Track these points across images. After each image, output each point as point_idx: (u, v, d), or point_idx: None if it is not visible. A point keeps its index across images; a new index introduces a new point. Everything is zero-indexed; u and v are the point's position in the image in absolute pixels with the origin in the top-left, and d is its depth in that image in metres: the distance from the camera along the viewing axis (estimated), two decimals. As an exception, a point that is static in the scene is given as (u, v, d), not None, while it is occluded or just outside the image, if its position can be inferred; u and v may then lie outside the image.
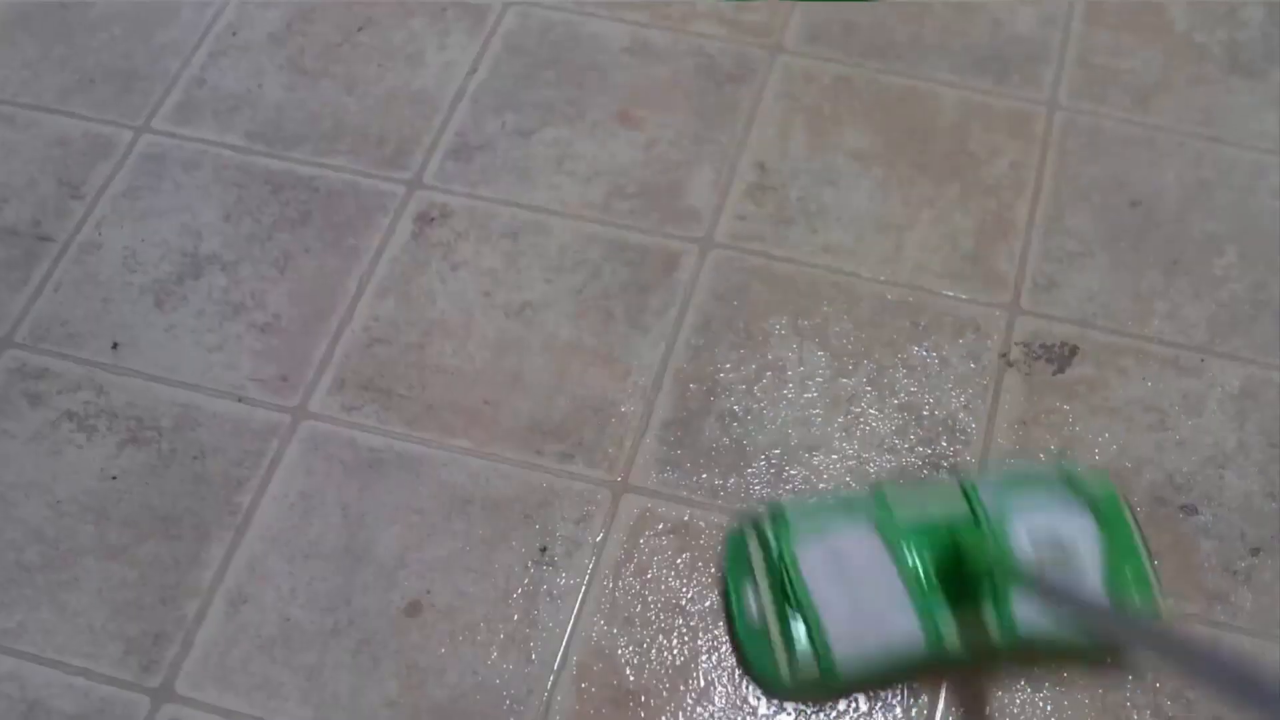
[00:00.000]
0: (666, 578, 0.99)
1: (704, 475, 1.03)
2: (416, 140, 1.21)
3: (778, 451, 1.04)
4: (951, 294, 1.11)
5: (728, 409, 1.06)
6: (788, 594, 0.90)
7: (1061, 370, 1.07)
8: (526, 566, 1.00)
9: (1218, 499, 1.02)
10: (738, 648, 0.95)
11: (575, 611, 0.98)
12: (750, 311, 1.11)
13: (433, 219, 1.16)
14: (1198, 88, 1.23)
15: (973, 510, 0.91)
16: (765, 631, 0.91)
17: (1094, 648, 0.94)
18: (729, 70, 1.25)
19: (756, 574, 0.93)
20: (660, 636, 0.97)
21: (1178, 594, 0.98)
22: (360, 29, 1.28)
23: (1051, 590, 0.84)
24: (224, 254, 1.15)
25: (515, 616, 0.98)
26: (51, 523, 1.02)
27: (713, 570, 0.99)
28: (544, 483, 1.03)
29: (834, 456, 1.04)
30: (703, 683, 0.95)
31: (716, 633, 0.97)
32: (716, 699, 0.95)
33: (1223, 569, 0.99)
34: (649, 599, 0.98)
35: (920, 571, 0.88)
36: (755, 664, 0.93)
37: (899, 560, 0.89)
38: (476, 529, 1.01)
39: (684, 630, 0.97)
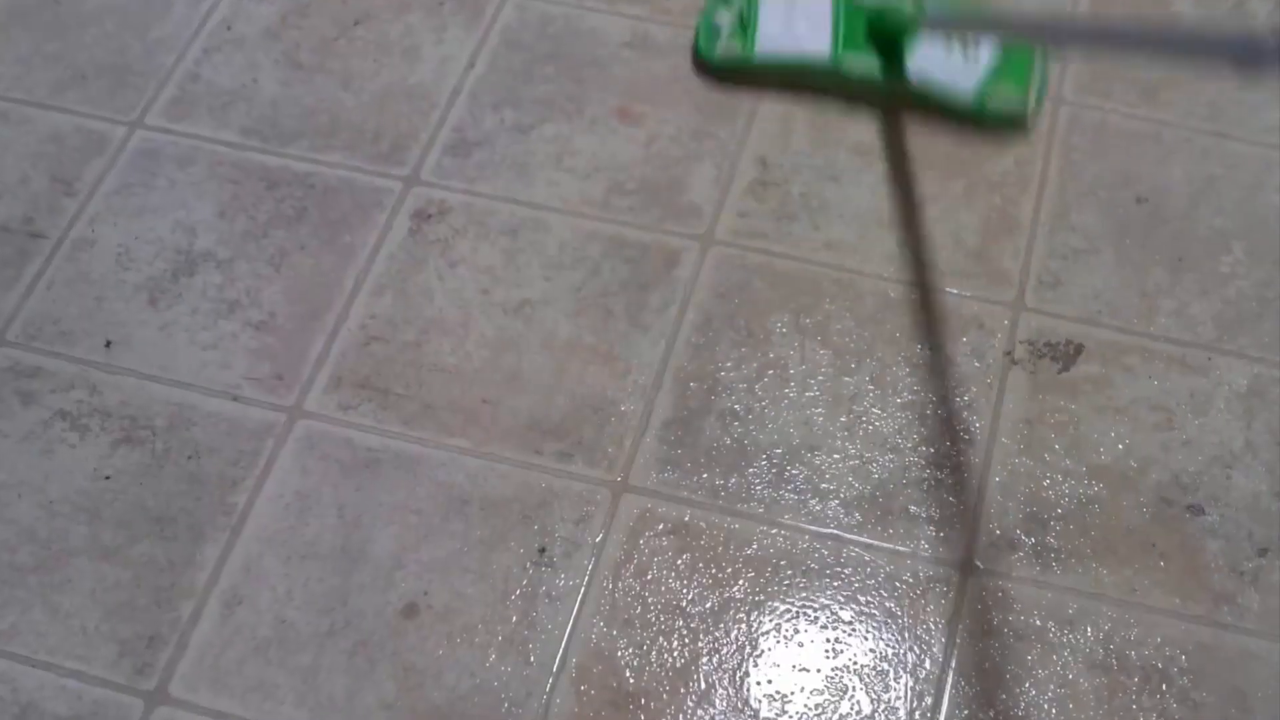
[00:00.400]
0: (667, 579, 0.99)
1: (705, 475, 1.04)
2: (413, 136, 1.21)
3: (779, 451, 1.04)
4: (955, 291, 1.12)
5: (729, 408, 1.06)
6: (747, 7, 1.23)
7: (1066, 369, 1.08)
8: (525, 567, 1.00)
9: (1225, 499, 1.02)
10: (695, 39, 1.23)
11: (574, 613, 0.98)
12: (751, 309, 1.11)
13: (430, 216, 1.17)
14: (1204, 83, 1.23)
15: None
16: (722, 26, 1.23)
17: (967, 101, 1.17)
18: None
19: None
20: (660, 638, 0.97)
21: (1184, 595, 0.98)
22: (356, 23, 1.29)
23: (949, 21, 1.15)
24: (219, 251, 1.15)
25: (514, 618, 0.98)
26: (44, 523, 1.02)
27: (714, 572, 1.00)
28: (543, 483, 1.03)
29: (836, 456, 1.04)
30: (703, 685, 0.95)
31: (718, 634, 0.97)
32: (717, 701, 0.95)
33: (1230, 570, 0.99)
34: (649, 600, 0.99)
35: (846, 17, 1.21)
36: (700, 40, 1.23)
37: (835, 7, 1.22)
38: (474, 529, 1.01)
39: (684, 632, 0.97)
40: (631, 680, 0.96)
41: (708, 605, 0.98)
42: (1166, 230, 1.14)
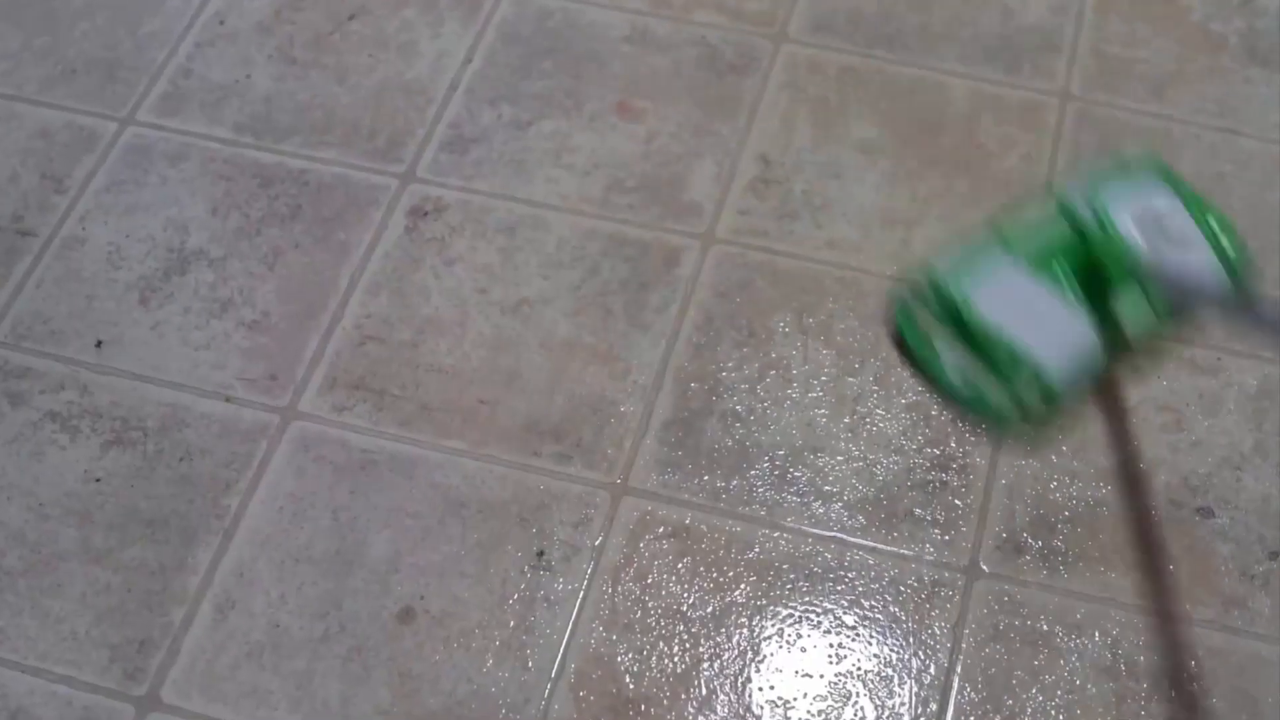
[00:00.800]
0: (667, 583, 0.99)
1: (706, 477, 1.04)
2: (409, 132, 1.21)
3: (782, 453, 1.04)
4: (961, 291, 1.12)
5: (730, 409, 1.06)
6: (976, 340, 0.95)
7: (1074, 369, 1.08)
8: (523, 571, 1.00)
9: (1235, 501, 1.02)
10: (953, 402, 1.02)
11: (573, 618, 0.98)
12: (753, 308, 1.11)
13: (426, 213, 1.17)
14: (1214, 78, 1.23)
15: (1079, 221, 0.97)
16: (974, 378, 0.96)
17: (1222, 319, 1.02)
18: (731, 60, 1.25)
19: (937, 335, 0.98)
20: (661, 643, 0.97)
21: (1193, 598, 0.98)
22: (351, 17, 1.29)
23: (1172, 272, 0.93)
24: (211, 249, 1.15)
25: (511, 623, 0.98)
26: (33, 526, 1.02)
27: (715, 576, 1.00)
28: (541, 485, 1.03)
29: (839, 458, 1.04)
30: (704, 691, 0.95)
31: (719, 639, 0.97)
32: (719, 708, 0.95)
33: (1240, 573, 0.99)
34: (649, 605, 0.99)
35: (1070, 284, 0.96)
36: (980, 410, 0.98)
37: (1051, 280, 0.96)
38: (471, 533, 1.01)
39: (685, 637, 0.97)
40: (631, 686, 0.96)
41: (709, 610, 0.98)
42: (1175, 228, 1.14)
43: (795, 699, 0.95)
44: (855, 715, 0.94)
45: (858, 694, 0.95)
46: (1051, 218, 0.99)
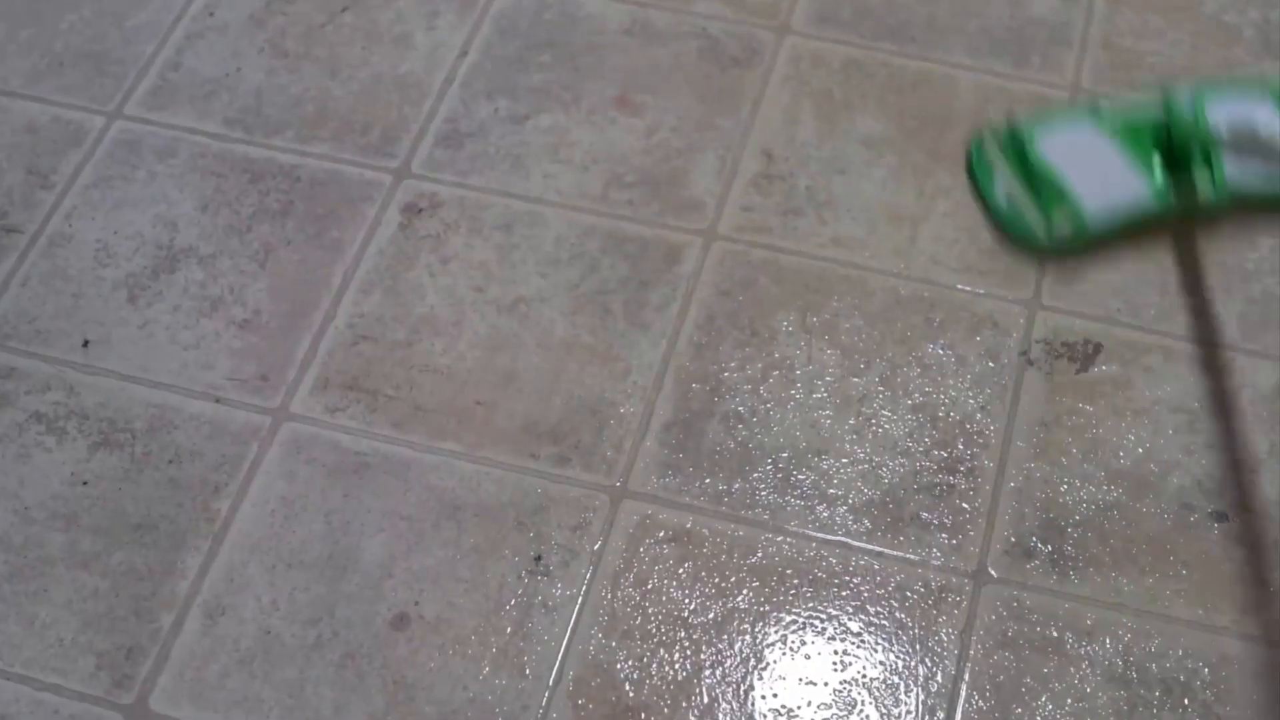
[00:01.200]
0: (668, 588, 0.99)
1: (707, 480, 1.03)
2: (404, 127, 1.21)
3: (785, 455, 1.04)
4: (968, 288, 1.12)
5: (732, 410, 1.06)
6: (1031, 170, 1.12)
7: (1085, 369, 1.08)
8: (520, 576, 1.00)
9: (1249, 505, 1.02)
10: (998, 226, 1.13)
11: (571, 624, 0.98)
12: (756, 307, 1.11)
13: (421, 210, 1.17)
14: (1228, 71, 1.23)
15: (1175, 110, 1.13)
16: (1018, 202, 1.12)
17: None
18: (734, 53, 1.25)
19: (999, 165, 1.14)
20: (661, 650, 0.97)
21: (1207, 605, 0.98)
22: (344, 9, 1.28)
23: (1252, 143, 1.11)
24: (201, 247, 1.15)
25: (508, 629, 0.98)
26: (19, 530, 1.02)
27: (717, 581, 0.99)
28: (539, 488, 1.03)
29: (844, 460, 1.04)
30: (706, 699, 0.95)
31: (721, 646, 0.97)
32: (720, 716, 0.95)
33: (1255, 580, 0.99)
34: (649, 611, 0.98)
35: (1142, 147, 1.13)
36: (1017, 234, 1.12)
37: (1124, 146, 1.13)
38: (467, 537, 1.01)
39: (686, 644, 0.97)
40: (631, 694, 0.95)
41: (710, 616, 0.98)
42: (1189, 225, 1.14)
43: (799, 707, 0.95)
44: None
45: (863, 702, 0.95)
46: (1151, 104, 1.14)
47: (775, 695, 0.95)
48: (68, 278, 1.14)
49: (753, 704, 0.95)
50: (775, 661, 0.97)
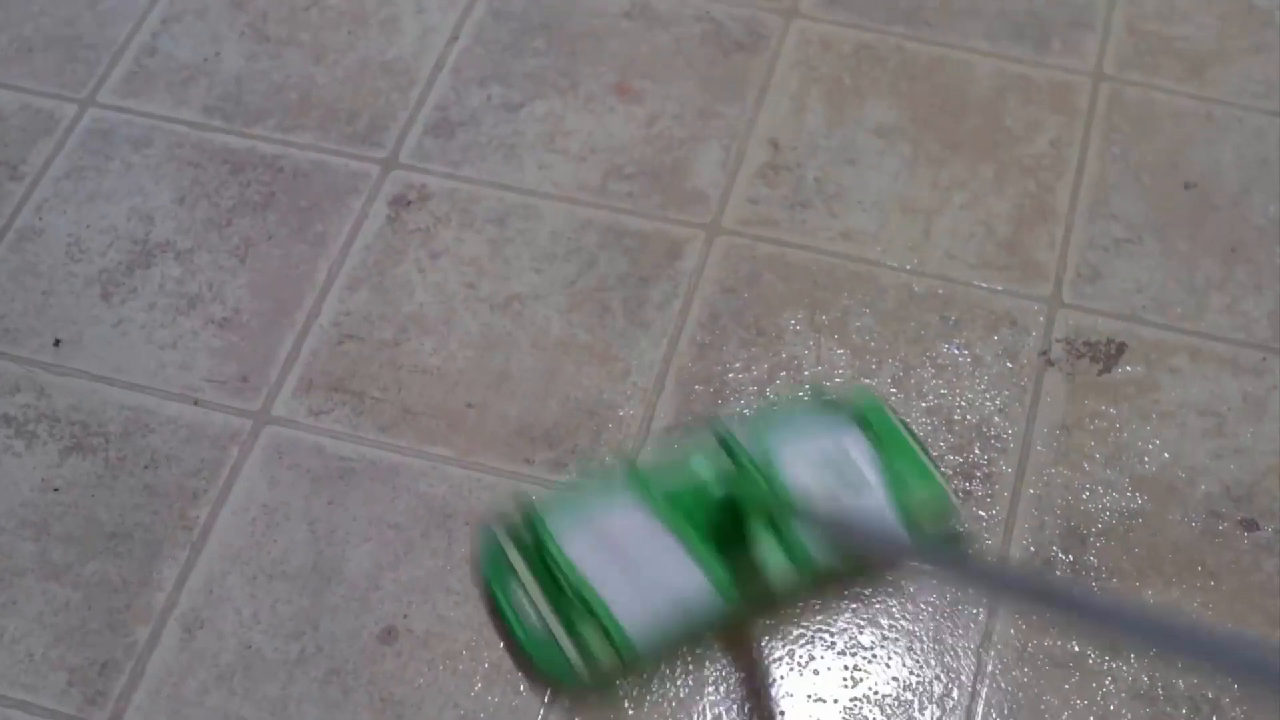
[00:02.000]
0: (669, 600, 0.99)
1: (711, 486, 1.03)
2: (392, 115, 1.21)
3: (793, 460, 1.04)
4: (985, 285, 1.12)
5: (737, 413, 1.06)
6: (560, 585, 0.93)
7: (1107, 370, 1.08)
8: (514, 588, 1.00)
9: (1281, 513, 1.02)
10: (520, 652, 0.96)
11: (568, 638, 0.98)
12: (762, 305, 1.11)
13: (410, 202, 1.16)
14: (1258, 56, 1.23)
15: (735, 458, 0.96)
16: (547, 628, 0.93)
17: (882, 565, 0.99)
18: (738, 37, 1.25)
19: (520, 574, 0.95)
20: (662, 666, 0.97)
21: (1235, 617, 0.98)
22: (329, -9, 1.29)
23: (831, 520, 0.92)
24: (178, 241, 1.15)
25: (501, 643, 0.98)
26: (-13, 539, 1.02)
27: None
28: (534, 495, 1.03)
29: (855, 466, 1.04)
30: (709, 716, 0.95)
31: (724, 661, 0.97)
32: (725, 735, 0.95)
33: (1286, 590, 0.99)
34: (650, 624, 0.98)
35: (693, 532, 0.94)
36: (544, 665, 0.94)
37: (671, 526, 0.94)
38: (458, 546, 1.01)
39: (687, 658, 0.97)
40: (631, 711, 0.95)
41: (714, 629, 0.98)
42: (1217, 218, 1.14)
43: (807, 726, 0.95)
44: (872, 743, 0.94)
45: (875, 720, 0.95)
46: (705, 452, 0.98)
47: (783, 713, 0.95)
48: (38, 274, 1.13)
49: (755, 718, 0.95)
50: (782, 677, 0.96)
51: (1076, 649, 0.97)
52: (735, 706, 0.95)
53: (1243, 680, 0.64)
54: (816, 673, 0.97)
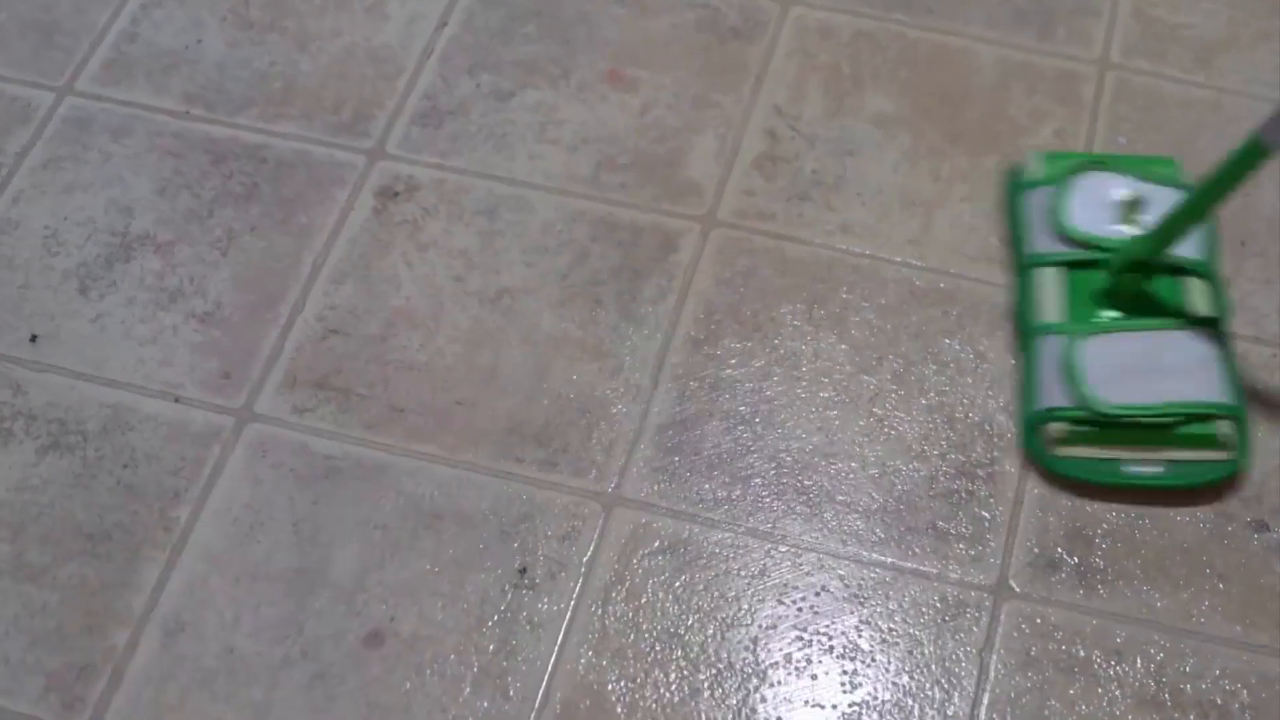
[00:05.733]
0: (663, 603, 0.99)
1: (706, 486, 1.03)
2: (378, 104, 1.21)
3: (790, 459, 1.04)
4: (988, 280, 1.12)
5: (733, 410, 1.06)
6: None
7: (1113, 366, 1.08)
8: (504, 590, 1.00)
9: (1291, 513, 1.02)
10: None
11: (559, 641, 0.98)
12: (758, 299, 1.11)
13: (397, 193, 1.16)
14: (1268, 44, 1.23)
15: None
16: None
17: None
18: (734, 23, 1.25)
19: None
20: (656, 670, 0.97)
21: (1246, 621, 0.98)
22: (314, -24, 1.28)
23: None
24: (158, 233, 1.15)
25: (491, 647, 0.98)
26: (-39, 540, 1.02)
27: (715, 595, 0.99)
28: (524, 495, 1.03)
29: (854, 464, 1.04)
30: (704, 723, 0.95)
31: (720, 666, 0.97)
32: (720, 741, 0.95)
33: (1296, 593, 0.99)
34: (643, 627, 0.98)
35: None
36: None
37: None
38: (446, 547, 1.01)
39: (682, 663, 0.97)
40: (623, 717, 0.95)
41: (709, 633, 0.98)
42: (1225, 211, 1.14)
43: (805, 732, 0.95)
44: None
45: (874, 726, 0.95)
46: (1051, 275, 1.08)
47: (779, 719, 0.95)
48: (14, 267, 1.13)
49: (755, 728, 0.95)
50: (779, 682, 0.97)
51: (1082, 654, 0.97)
52: (731, 713, 0.95)
53: None
54: (814, 678, 0.97)
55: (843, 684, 0.96)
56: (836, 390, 1.07)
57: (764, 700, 0.96)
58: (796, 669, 0.97)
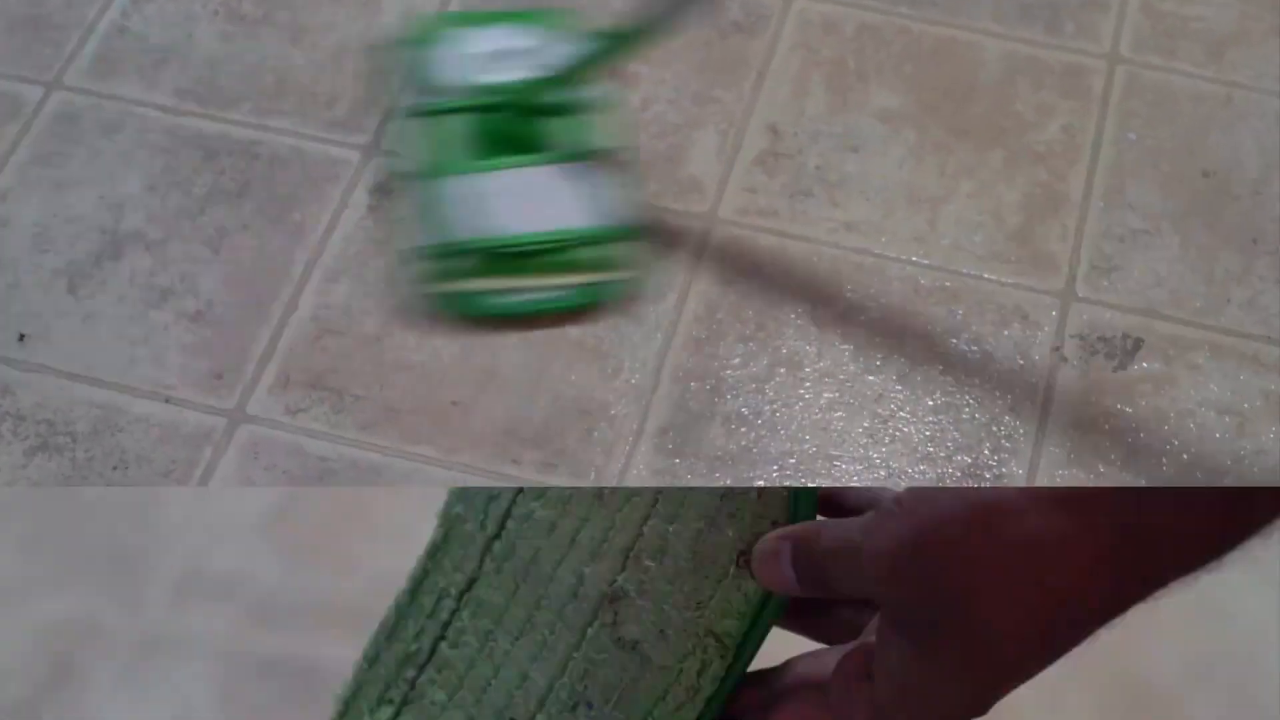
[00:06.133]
0: (664, 608, 0.98)
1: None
2: (374, 99, 1.20)
3: (793, 461, 1.04)
4: (995, 278, 1.11)
5: (735, 411, 1.06)
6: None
7: (1123, 366, 1.07)
8: (501, 595, 0.99)
9: (1305, 517, 1.01)
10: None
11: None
12: (761, 298, 1.10)
13: (392, 191, 1.16)
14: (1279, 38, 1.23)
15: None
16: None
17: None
18: (736, 18, 1.24)
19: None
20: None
21: (1258, 627, 0.97)
22: (308, -31, 1.28)
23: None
24: (149, 231, 1.14)
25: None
26: (-53, 544, 1.01)
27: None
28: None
29: (858, 466, 1.03)
30: (706, 731, 0.94)
31: (722, 672, 0.96)
32: (722, 750, 0.94)
33: (1311, 598, 0.98)
34: (643, 633, 0.98)
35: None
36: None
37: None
38: (443, 551, 1.00)
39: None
40: (623, 726, 0.94)
41: (711, 639, 0.97)
42: (1238, 208, 1.14)
43: (809, 740, 0.94)
44: None
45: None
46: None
47: None
48: (2, 265, 1.13)
49: (758, 736, 0.94)
50: (783, 689, 0.96)
51: (1091, 659, 0.96)
52: None
53: None
54: (818, 684, 0.96)
55: None
56: (840, 391, 1.07)
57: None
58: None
